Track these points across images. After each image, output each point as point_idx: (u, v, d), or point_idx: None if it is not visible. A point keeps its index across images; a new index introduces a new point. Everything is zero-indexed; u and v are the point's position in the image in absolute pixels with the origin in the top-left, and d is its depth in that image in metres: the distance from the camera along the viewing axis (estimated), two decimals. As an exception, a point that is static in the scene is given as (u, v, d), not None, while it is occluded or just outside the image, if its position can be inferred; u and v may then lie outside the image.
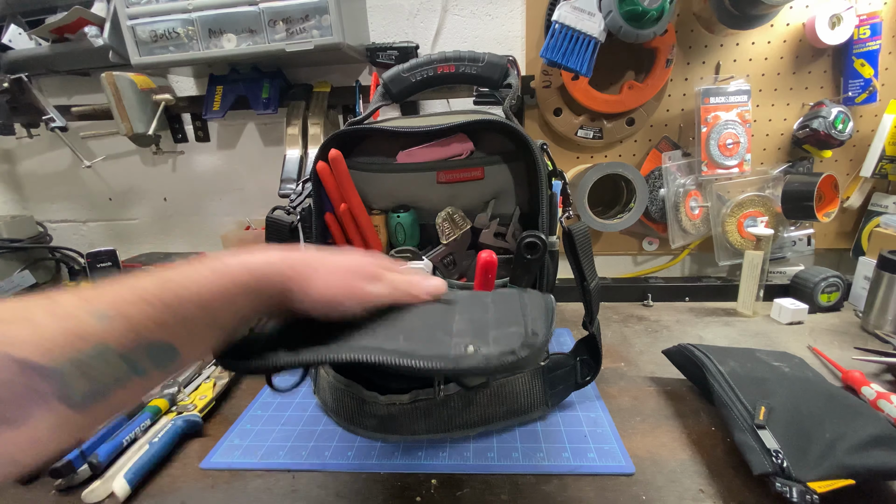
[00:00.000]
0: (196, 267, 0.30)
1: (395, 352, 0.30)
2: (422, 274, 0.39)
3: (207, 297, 0.29)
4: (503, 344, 0.31)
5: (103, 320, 0.25)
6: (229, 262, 0.31)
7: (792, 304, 0.77)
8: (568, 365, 0.54)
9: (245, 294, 0.30)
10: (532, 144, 0.50)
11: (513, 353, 0.30)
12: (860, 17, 0.78)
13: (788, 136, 0.87)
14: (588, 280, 0.55)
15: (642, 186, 0.83)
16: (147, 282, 0.27)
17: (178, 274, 0.29)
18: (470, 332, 0.32)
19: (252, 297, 0.31)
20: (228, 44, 0.76)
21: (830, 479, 0.38)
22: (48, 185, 1.10)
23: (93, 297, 0.25)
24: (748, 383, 0.49)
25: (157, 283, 0.27)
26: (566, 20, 0.72)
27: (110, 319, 0.25)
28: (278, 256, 0.33)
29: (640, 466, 0.45)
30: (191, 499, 0.44)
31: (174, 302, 0.27)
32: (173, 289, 0.28)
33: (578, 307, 0.57)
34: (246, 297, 0.31)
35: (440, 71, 0.60)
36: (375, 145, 0.55)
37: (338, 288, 0.34)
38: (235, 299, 0.30)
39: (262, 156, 1.01)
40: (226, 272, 0.30)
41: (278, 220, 0.56)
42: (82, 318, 0.24)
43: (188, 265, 0.30)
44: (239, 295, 0.30)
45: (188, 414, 0.54)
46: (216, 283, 0.29)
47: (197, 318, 0.28)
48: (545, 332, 0.32)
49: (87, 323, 0.24)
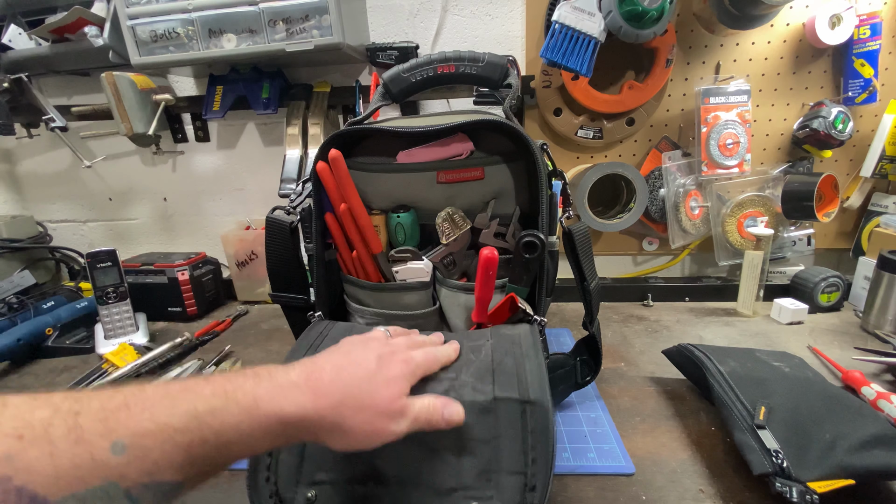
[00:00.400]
0: (227, 403, 0.28)
1: None
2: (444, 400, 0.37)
3: (229, 443, 0.27)
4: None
5: (120, 453, 0.23)
6: (262, 403, 0.29)
7: (792, 304, 0.77)
8: (568, 365, 0.54)
9: (269, 441, 0.29)
10: (532, 144, 0.50)
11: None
12: (860, 17, 0.78)
13: (788, 136, 0.87)
14: (588, 280, 0.55)
15: (642, 186, 0.83)
16: (176, 414, 0.26)
17: (209, 409, 0.27)
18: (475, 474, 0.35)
19: (273, 443, 0.30)
20: (228, 44, 0.76)
21: (830, 479, 0.38)
22: (48, 185, 1.10)
23: (119, 417, 0.24)
24: (748, 383, 0.49)
25: (185, 420, 0.26)
26: (566, 20, 0.72)
27: (127, 454, 0.23)
28: (311, 403, 0.30)
29: (640, 466, 0.45)
30: (191, 499, 0.44)
31: (195, 445, 0.26)
32: (199, 430, 0.26)
33: (578, 307, 0.57)
34: (269, 443, 0.30)
35: (440, 71, 0.60)
36: (375, 145, 0.55)
37: (363, 436, 0.32)
38: (258, 445, 0.29)
39: (262, 156, 1.01)
40: (257, 415, 0.28)
41: (278, 220, 0.56)
42: (100, 447, 0.23)
43: (221, 394, 0.28)
44: (263, 441, 0.29)
45: (188, 414, 0.54)
46: (244, 427, 0.28)
47: (214, 460, 0.27)
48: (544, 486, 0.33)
49: (103, 454, 0.23)
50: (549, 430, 0.35)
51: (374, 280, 0.58)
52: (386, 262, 0.57)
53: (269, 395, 0.29)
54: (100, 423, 0.23)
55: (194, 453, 0.26)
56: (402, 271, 0.57)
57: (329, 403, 0.31)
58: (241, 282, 0.95)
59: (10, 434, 0.21)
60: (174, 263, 0.88)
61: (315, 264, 0.58)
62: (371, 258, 0.57)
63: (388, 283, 0.58)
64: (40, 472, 0.21)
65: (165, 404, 0.26)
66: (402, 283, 0.58)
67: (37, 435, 0.22)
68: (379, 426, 0.33)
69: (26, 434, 0.21)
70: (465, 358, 0.43)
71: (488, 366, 0.41)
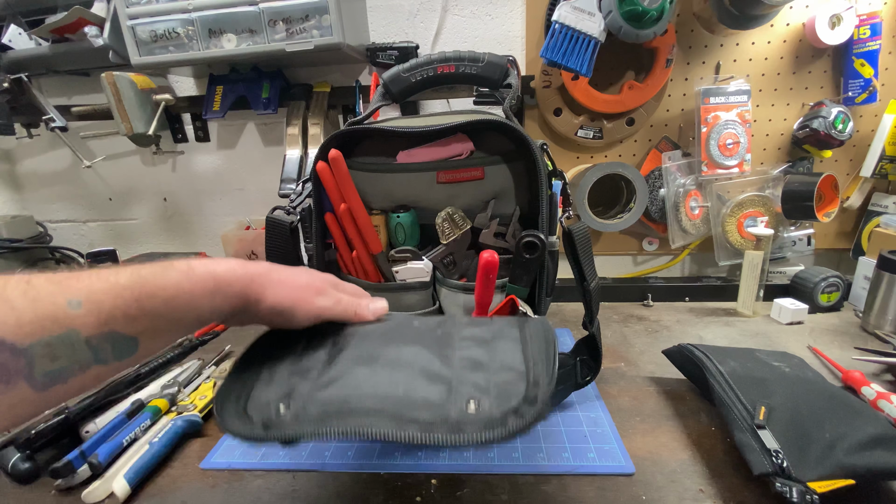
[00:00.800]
0: (166, 267, 0.32)
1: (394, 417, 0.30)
2: (367, 295, 0.42)
3: (174, 297, 0.31)
4: (504, 399, 0.30)
5: (76, 307, 0.26)
6: (196, 267, 0.33)
7: (792, 304, 0.77)
8: (568, 365, 0.54)
9: (208, 297, 0.33)
10: (532, 144, 0.50)
11: (516, 411, 0.29)
12: (860, 17, 0.78)
13: (788, 136, 0.87)
14: (588, 280, 0.55)
15: (642, 186, 0.83)
16: (122, 276, 0.29)
17: (150, 272, 0.31)
18: (469, 380, 0.32)
19: (213, 301, 0.33)
20: (228, 44, 0.76)
21: (830, 479, 0.38)
22: (48, 185, 1.10)
23: (68, 284, 0.27)
24: (748, 383, 0.49)
25: (131, 278, 0.29)
26: (566, 20, 0.72)
27: (83, 307, 0.27)
28: (240, 266, 0.35)
29: (640, 466, 0.45)
30: (191, 499, 0.44)
31: (144, 298, 0.29)
32: (144, 286, 0.29)
33: (578, 307, 0.57)
34: (208, 300, 0.33)
35: (440, 71, 0.60)
36: (375, 145, 0.55)
37: (289, 299, 0.37)
38: (199, 301, 0.32)
39: (262, 156, 1.01)
40: (193, 275, 0.32)
41: (278, 220, 0.56)
42: (57, 303, 0.26)
43: (160, 265, 0.32)
44: (202, 297, 0.33)
45: (188, 414, 0.54)
46: (184, 284, 0.31)
47: (162, 315, 0.30)
48: (548, 381, 0.31)
49: (61, 308, 0.26)
50: (549, 335, 0.35)
51: (374, 280, 0.58)
52: (386, 262, 0.57)
53: (201, 264, 0.33)
54: (53, 285, 0.27)
55: (144, 306, 0.29)
56: (402, 271, 0.57)
57: (257, 271, 0.36)
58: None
59: None
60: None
61: (315, 264, 0.58)
62: (371, 258, 0.57)
63: (387, 283, 0.58)
64: (5, 323, 0.24)
65: (110, 272, 0.29)
66: (401, 283, 0.58)
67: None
68: (304, 295, 0.38)
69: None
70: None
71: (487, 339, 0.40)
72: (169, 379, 0.61)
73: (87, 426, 0.52)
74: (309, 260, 0.59)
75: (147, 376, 0.61)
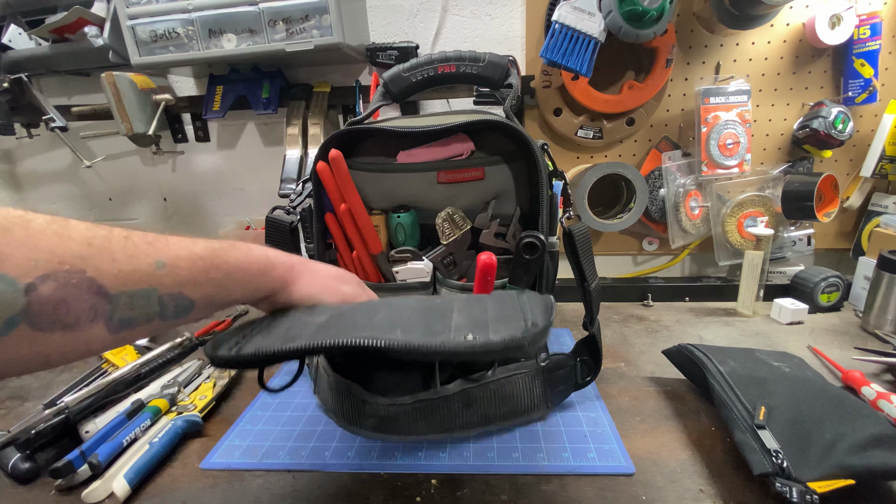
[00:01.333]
0: (233, 245, 0.37)
1: (392, 338, 0.31)
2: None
3: (234, 272, 0.36)
4: (504, 333, 0.31)
5: (160, 268, 0.31)
6: (254, 248, 0.39)
7: (792, 304, 0.77)
8: (568, 365, 0.54)
9: (258, 276, 0.38)
10: (532, 144, 0.50)
11: (513, 338, 0.30)
12: (860, 17, 0.78)
13: (788, 136, 0.87)
14: (588, 280, 0.55)
15: (642, 186, 0.83)
16: (198, 246, 0.34)
17: (220, 246, 0.36)
18: (469, 326, 0.33)
19: (261, 280, 0.39)
20: (228, 44, 0.76)
21: (830, 479, 0.38)
22: (48, 185, 1.10)
23: (158, 246, 0.32)
24: (748, 383, 0.49)
25: (206, 249, 0.34)
26: (566, 20, 0.72)
27: (166, 269, 0.31)
28: (285, 254, 0.42)
29: (640, 466, 0.45)
30: (191, 499, 0.44)
31: (212, 269, 0.34)
32: (214, 259, 0.34)
33: (578, 307, 0.57)
34: (257, 278, 0.38)
35: (441, 71, 0.60)
36: (376, 145, 0.55)
37: (319, 286, 0.43)
38: (251, 279, 0.38)
39: (262, 156, 1.01)
40: (251, 255, 0.38)
41: (278, 220, 0.56)
42: (147, 262, 0.30)
43: (227, 242, 0.37)
44: (255, 276, 0.38)
45: (188, 414, 0.54)
46: (243, 262, 0.37)
47: (222, 285, 0.35)
48: (545, 322, 0.32)
49: (149, 266, 0.30)
50: (546, 297, 0.36)
51: (374, 280, 0.58)
52: (386, 263, 0.57)
53: (257, 247, 0.39)
54: (147, 245, 0.31)
55: (211, 276, 0.34)
56: (402, 271, 0.57)
57: (298, 260, 0.42)
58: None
59: (81, 242, 0.28)
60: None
61: (315, 264, 0.58)
62: (371, 258, 0.57)
63: (387, 283, 0.58)
64: (106, 271, 0.28)
65: (188, 242, 0.34)
66: (401, 283, 0.58)
67: (102, 245, 0.29)
68: (333, 283, 0.44)
69: (94, 243, 0.28)
70: None
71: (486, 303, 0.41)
72: (169, 379, 0.61)
73: (87, 426, 0.52)
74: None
75: (147, 376, 0.61)
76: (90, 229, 0.29)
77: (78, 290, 0.27)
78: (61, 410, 0.51)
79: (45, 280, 0.26)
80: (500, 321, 0.33)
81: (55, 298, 0.26)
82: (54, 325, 0.26)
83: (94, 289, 0.28)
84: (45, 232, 0.27)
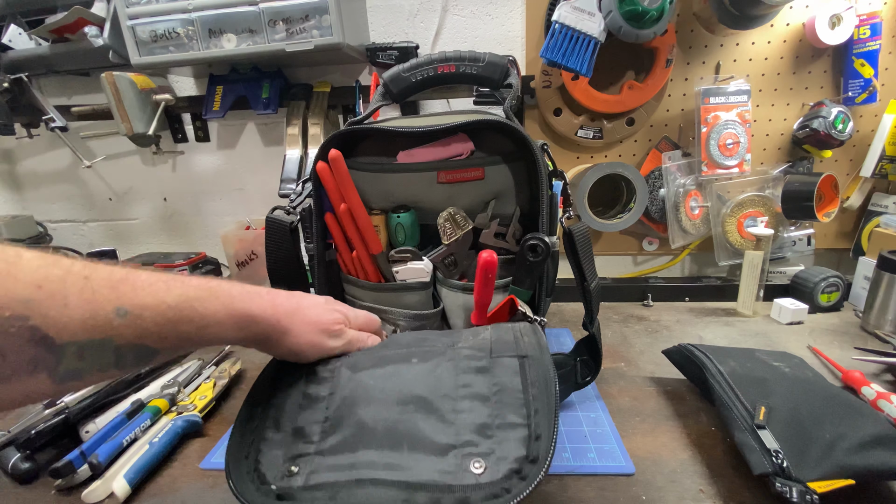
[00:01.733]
0: (212, 293, 0.34)
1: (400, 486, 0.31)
2: (376, 326, 0.48)
3: (208, 326, 0.33)
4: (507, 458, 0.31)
5: (121, 317, 0.28)
6: (236, 299, 0.35)
7: (792, 304, 0.77)
8: (568, 365, 0.54)
9: (235, 330, 0.35)
10: (532, 144, 0.50)
11: (518, 472, 0.31)
12: (860, 17, 0.78)
13: (788, 136, 0.87)
14: (588, 280, 0.55)
15: (642, 186, 0.83)
16: (171, 294, 0.31)
17: (196, 295, 0.32)
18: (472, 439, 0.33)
19: (238, 334, 0.36)
20: (228, 44, 0.76)
21: (830, 479, 0.38)
22: (48, 185, 1.10)
23: (123, 290, 0.28)
24: (748, 383, 0.49)
25: (180, 301, 0.31)
26: (566, 20, 0.72)
27: (127, 317, 0.28)
28: (271, 307, 0.38)
29: (640, 466, 0.45)
30: (191, 499, 0.44)
31: (182, 322, 0.31)
32: (187, 311, 0.31)
33: (578, 307, 0.57)
34: (234, 332, 0.36)
35: (440, 71, 0.60)
36: (375, 145, 0.55)
37: (306, 343, 0.40)
38: (226, 332, 0.35)
39: (262, 156, 1.01)
40: (231, 308, 0.35)
41: (278, 220, 0.56)
42: (106, 309, 0.27)
43: (206, 287, 0.33)
44: (231, 330, 0.35)
45: (188, 414, 0.54)
46: (220, 316, 0.34)
47: (191, 338, 0.32)
48: (549, 436, 0.32)
49: (107, 314, 0.27)
50: (549, 381, 0.35)
51: (374, 280, 0.58)
52: (386, 263, 0.57)
53: (240, 297, 0.36)
54: (109, 289, 0.28)
55: (179, 329, 0.31)
56: (402, 271, 0.57)
57: (284, 312, 0.39)
58: (241, 282, 0.95)
59: (30, 283, 0.24)
60: (174, 263, 0.88)
61: (315, 264, 0.58)
62: (371, 258, 0.57)
63: (387, 284, 0.58)
64: (53, 318, 0.25)
65: (161, 286, 0.30)
66: (401, 284, 0.58)
67: (53, 288, 0.25)
68: (319, 340, 0.41)
69: (45, 286, 0.25)
70: (463, 336, 0.44)
71: (486, 342, 0.41)
72: (169, 379, 0.61)
73: (87, 426, 0.51)
74: (309, 260, 0.59)
75: (147, 376, 0.61)
76: (43, 268, 0.26)
77: (17, 341, 0.24)
78: (61, 410, 0.51)
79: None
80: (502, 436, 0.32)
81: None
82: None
83: (36, 339, 0.24)
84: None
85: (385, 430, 0.34)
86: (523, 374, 0.36)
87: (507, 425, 0.33)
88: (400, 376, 0.38)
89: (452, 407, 0.35)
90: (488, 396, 0.35)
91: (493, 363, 0.37)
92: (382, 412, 0.35)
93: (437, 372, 0.38)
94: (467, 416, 0.34)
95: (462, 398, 0.36)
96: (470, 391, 0.36)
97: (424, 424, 0.34)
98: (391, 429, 0.34)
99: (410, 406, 0.35)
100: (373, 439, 0.34)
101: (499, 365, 0.37)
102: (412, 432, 0.34)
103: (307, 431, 0.36)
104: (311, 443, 0.35)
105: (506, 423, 0.33)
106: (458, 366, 0.38)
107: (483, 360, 0.38)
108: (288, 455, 0.35)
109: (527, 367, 0.36)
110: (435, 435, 0.33)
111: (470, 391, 0.36)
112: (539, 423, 0.32)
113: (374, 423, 0.35)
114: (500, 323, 0.48)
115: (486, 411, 0.34)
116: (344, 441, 0.35)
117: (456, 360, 0.39)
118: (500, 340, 0.41)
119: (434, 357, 0.40)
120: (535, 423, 0.32)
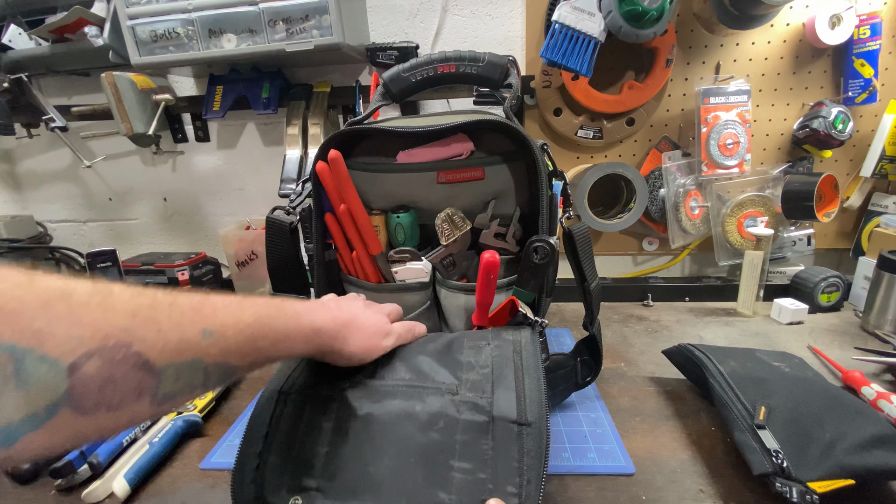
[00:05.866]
0: (280, 310, 0.36)
1: None
2: (411, 324, 0.50)
3: (281, 340, 0.35)
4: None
5: (207, 338, 0.30)
6: (302, 314, 0.38)
7: (792, 304, 0.77)
8: (568, 365, 0.54)
9: (303, 343, 0.38)
10: (532, 144, 0.50)
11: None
12: (860, 17, 0.78)
13: (788, 136, 0.87)
14: (588, 280, 0.55)
15: (642, 186, 0.83)
16: (246, 313, 0.33)
17: (267, 313, 0.35)
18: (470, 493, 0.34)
19: (305, 346, 0.38)
20: (228, 44, 0.76)
21: (830, 479, 0.38)
22: (48, 185, 1.10)
23: (205, 313, 0.30)
24: (748, 383, 0.49)
25: (254, 317, 0.33)
26: (566, 20, 0.72)
27: (212, 339, 0.30)
28: (331, 319, 0.40)
29: (640, 466, 0.45)
30: (191, 499, 0.44)
31: (259, 338, 0.33)
32: (261, 327, 0.33)
33: (578, 307, 0.57)
34: (302, 345, 0.38)
35: (440, 71, 0.60)
36: (375, 145, 0.55)
37: (364, 347, 0.43)
38: (296, 345, 0.37)
39: (262, 156, 1.01)
40: (299, 322, 0.37)
41: (278, 220, 0.56)
42: (193, 332, 0.29)
43: (275, 306, 0.36)
44: (299, 342, 0.37)
45: (188, 414, 0.54)
46: (290, 330, 0.36)
47: (266, 353, 0.34)
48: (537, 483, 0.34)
49: (195, 336, 0.29)
50: (542, 453, 0.36)
51: (374, 280, 0.58)
52: (385, 263, 0.57)
53: (305, 311, 0.38)
54: (193, 312, 0.29)
55: (257, 345, 0.33)
56: (402, 272, 0.57)
57: (343, 321, 0.41)
58: (241, 282, 0.95)
59: (125, 313, 0.26)
60: (174, 263, 0.88)
61: (315, 264, 0.58)
62: (370, 258, 0.57)
63: (387, 284, 0.58)
64: (151, 343, 0.26)
65: (236, 307, 0.33)
66: (401, 284, 0.58)
67: (147, 315, 0.27)
68: (374, 342, 0.44)
69: (139, 313, 0.27)
70: (465, 360, 0.43)
71: (488, 376, 0.41)
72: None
73: (87, 426, 0.52)
74: (309, 260, 0.59)
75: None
76: (134, 298, 0.27)
77: (124, 367, 0.25)
78: (61, 410, 0.51)
79: (88, 358, 0.24)
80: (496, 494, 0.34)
81: (100, 378, 0.24)
82: (99, 406, 0.24)
83: (139, 364, 0.26)
84: (88, 304, 0.25)
85: (386, 483, 0.36)
86: (520, 443, 0.37)
87: (500, 492, 0.35)
88: (401, 424, 0.39)
89: (451, 464, 0.36)
90: (486, 460, 0.36)
91: (493, 424, 0.38)
92: (385, 460, 0.37)
93: (440, 425, 0.39)
94: (465, 478, 0.35)
95: (461, 457, 0.37)
96: (469, 450, 0.37)
97: (424, 481, 0.35)
98: (393, 482, 0.36)
99: (412, 459, 0.37)
100: (374, 489, 0.36)
101: (499, 426, 0.38)
102: (412, 490, 0.35)
103: (310, 461, 0.38)
104: (313, 477, 0.37)
105: (499, 491, 0.35)
106: (459, 419, 0.39)
107: (484, 414, 0.39)
108: (292, 485, 0.36)
109: (524, 435, 0.37)
110: (433, 494, 0.35)
111: (469, 450, 0.37)
112: (529, 494, 0.34)
113: (376, 471, 0.36)
114: (500, 330, 0.47)
115: (482, 476, 0.35)
116: (345, 486, 0.36)
117: (458, 405, 0.40)
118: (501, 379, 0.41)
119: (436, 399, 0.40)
120: (526, 493, 0.34)
